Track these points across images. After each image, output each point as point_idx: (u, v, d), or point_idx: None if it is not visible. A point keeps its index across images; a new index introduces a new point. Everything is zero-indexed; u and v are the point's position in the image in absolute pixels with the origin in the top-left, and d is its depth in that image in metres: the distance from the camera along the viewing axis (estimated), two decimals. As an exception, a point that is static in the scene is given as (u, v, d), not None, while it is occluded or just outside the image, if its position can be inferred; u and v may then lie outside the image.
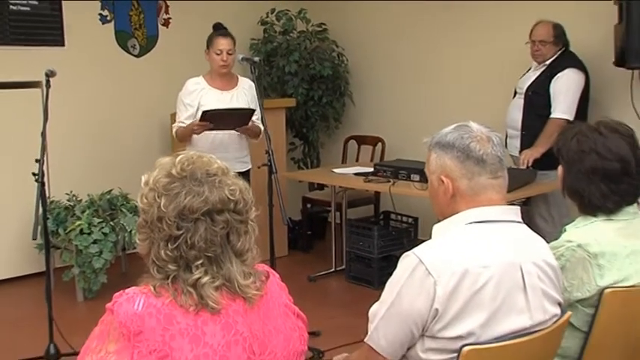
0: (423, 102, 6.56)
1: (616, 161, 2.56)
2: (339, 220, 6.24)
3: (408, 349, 2.25)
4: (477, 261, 2.18)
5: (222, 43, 4.98)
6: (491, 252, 2.22)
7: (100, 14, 6.21)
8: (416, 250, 2.22)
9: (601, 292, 2.51)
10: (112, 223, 5.34)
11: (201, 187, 1.78)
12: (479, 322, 2.17)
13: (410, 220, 6.02)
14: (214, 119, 4.75)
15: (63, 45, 5.93)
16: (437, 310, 2.15)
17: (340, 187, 5.96)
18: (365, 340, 2.30)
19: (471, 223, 2.26)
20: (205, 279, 1.76)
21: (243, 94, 5.01)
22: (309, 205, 6.82)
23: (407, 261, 2.21)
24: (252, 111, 4.85)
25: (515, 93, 5.52)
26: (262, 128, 4.84)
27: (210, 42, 5.04)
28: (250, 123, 4.92)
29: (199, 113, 4.84)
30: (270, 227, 4.51)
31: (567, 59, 5.30)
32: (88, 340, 1.82)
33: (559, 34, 5.32)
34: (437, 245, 2.26)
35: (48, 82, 4.14)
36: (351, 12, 7.08)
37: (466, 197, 2.28)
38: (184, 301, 1.75)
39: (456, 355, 2.15)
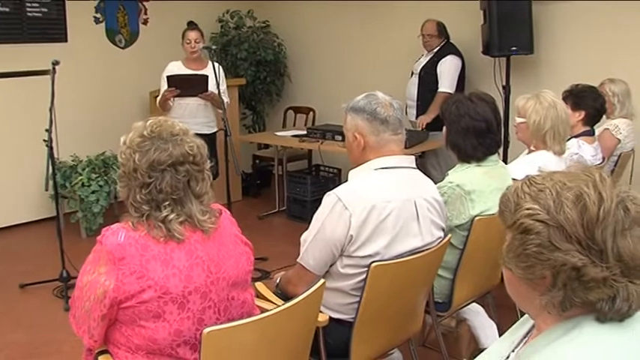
0: (344, 80, 6.51)
1: (482, 121, 2.59)
2: (281, 172, 6.21)
3: (331, 265, 2.27)
4: (382, 197, 2.20)
5: (191, 35, 5.02)
6: (393, 190, 2.24)
7: (94, 16, 6.07)
8: (335, 190, 2.24)
9: (472, 219, 2.56)
10: (105, 177, 5.30)
11: (167, 144, 1.74)
12: (383, 244, 2.20)
13: (335, 170, 6.03)
14: (177, 84, 4.72)
15: (66, 41, 5.82)
16: (352, 235, 2.17)
17: (281, 146, 5.92)
18: (297, 260, 2.31)
19: (377, 169, 2.27)
20: (172, 216, 1.74)
21: (211, 73, 4.74)
22: (257, 161, 6.74)
23: (329, 199, 2.23)
24: (206, 77, 4.77)
25: (412, 73, 5.53)
26: (227, 101, 4.89)
27: (183, 35, 5.07)
28: (212, 94, 4.81)
29: None
30: (227, 178, 4.47)
31: (449, 48, 5.35)
32: (84, 265, 1.81)
33: (441, 30, 5.36)
34: (352, 186, 2.27)
35: (54, 69, 4.06)
36: (289, 11, 6.97)
37: (374, 149, 2.28)
38: (156, 233, 1.73)
39: (366, 269, 2.18)
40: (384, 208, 2.18)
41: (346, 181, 2.35)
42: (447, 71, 5.23)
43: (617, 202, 1.09)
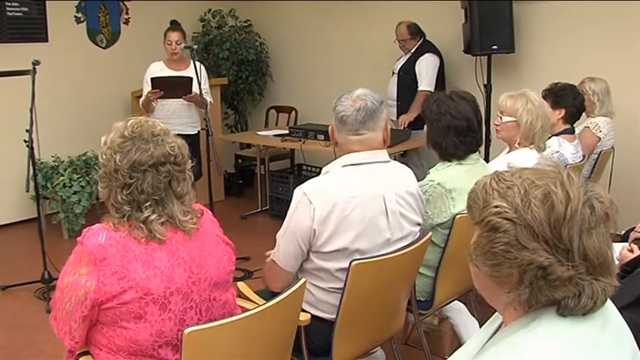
0: (326, 79, 6.53)
1: (463, 120, 2.62)
2: (264, 172, 6.21)
3: (304, 263, 2.33)
4: (346, 194, 2.24)
5: (172, 36, 5.00)
6: (359, 186, 2.27)
7: (75, 16, 6.04)
8: (302, 185, 2.29)
9: (453, 217, 2.58)
10: (87, 178, 5.26)
11: (148, 144, 1.74)
12: (349, 238, 2.24)
13: (317, 169, 6.00)
14: (161, 86, 4.71)
15: (47, 41, 5.78)
16: (315, 230, 2.22)
17: (263, 145, 5.92)
18: (270, 256, 2.39)
19: (344, 166, 2.31)
20: (153, 217, 1.74)
21: (193, 73, 4.71)
22: (240, 161, 6.74)
23: (296, 194, 2.29)
24: (190, 79, 4.76)
25: (393, 73, 5.56)
26: (210, 100, 4.93)
27: (164, 35, 5.05)
28: (196, 95, 4.77)
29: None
30: (209, 177, 4.46)
31: (425, 47, 5.39)
32: (65, 266, 1.80)
33: (414, 31, 5.39)
34: (318, 182, 2.32)
35: (35, 69, 4.03)
36: (271, 11, 6.97)
37: (342, 147, 2.35)
38: (137, 234, 1.73)
39: (336, 264, 2.25)
40: (348, 203, 2.22)
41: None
42: (426, 70, 5.28)
43: (584, 201, 1.09)
